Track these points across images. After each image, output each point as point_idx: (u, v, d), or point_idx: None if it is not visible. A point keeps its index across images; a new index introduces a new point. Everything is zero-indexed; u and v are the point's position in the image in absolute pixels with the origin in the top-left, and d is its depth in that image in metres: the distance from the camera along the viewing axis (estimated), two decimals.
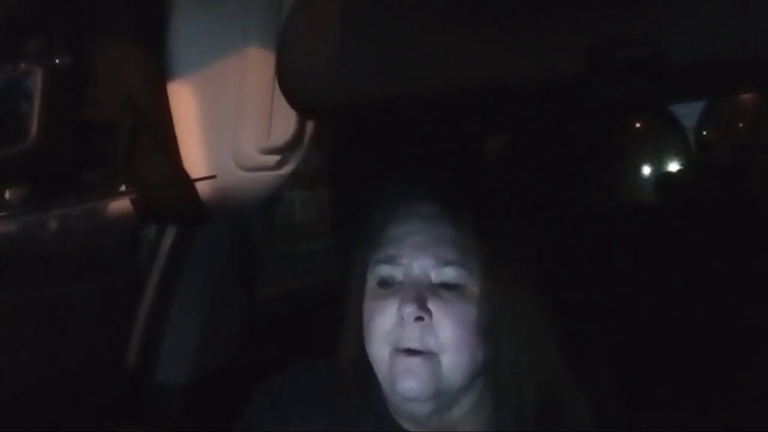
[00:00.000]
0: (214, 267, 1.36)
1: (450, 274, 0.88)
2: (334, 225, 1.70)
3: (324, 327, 0.95)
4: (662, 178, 1.51)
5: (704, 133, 1.55)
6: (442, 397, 0.88)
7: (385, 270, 0.90)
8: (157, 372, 1.31)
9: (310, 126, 0.94)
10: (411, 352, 0.86)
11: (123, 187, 0.93)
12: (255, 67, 0.92)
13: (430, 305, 0.87)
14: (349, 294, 0.94)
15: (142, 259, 1.32)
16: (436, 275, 0.88)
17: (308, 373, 0.99)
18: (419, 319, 0.86)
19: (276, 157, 0.93)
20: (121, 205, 0.96)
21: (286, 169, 0.95)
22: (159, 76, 0.93)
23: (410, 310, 0.86)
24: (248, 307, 1.46)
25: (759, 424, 1.14)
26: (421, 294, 0.87)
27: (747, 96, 1.43)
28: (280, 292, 1.85)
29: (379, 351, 0.88)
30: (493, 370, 0.90)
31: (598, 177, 1.43)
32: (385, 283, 0.90)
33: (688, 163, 1.55)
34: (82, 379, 1.22)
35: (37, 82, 0.78)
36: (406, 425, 0.93)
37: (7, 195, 0.84)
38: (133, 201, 0.97)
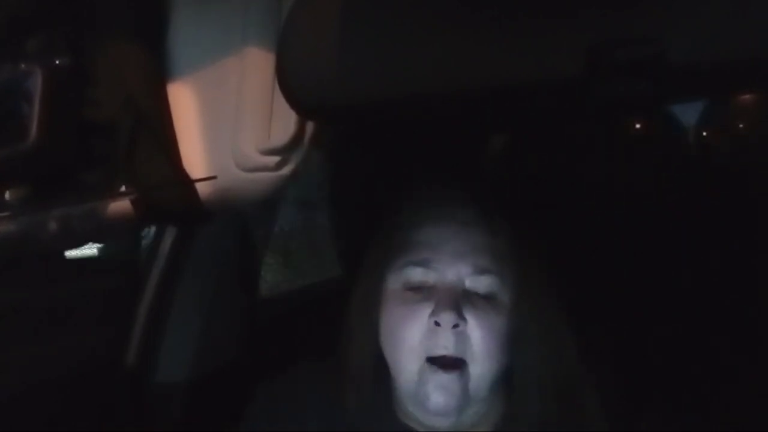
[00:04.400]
0: (214, 267, 1.36)
1: (485, 282, 0.87)
2: (336, 226, 1.70)
3: (324, 327, 0.95)
4: (662, 179, 1.50)
5: (704, 133, 1.55)
6: (466, 408, 0.87)
7: (415, 273, 0.88)
8: (157, 372, 1.31)
9: (310, 126, 0.94)
10: (445, 366, 0.85)
11: (123, 188, 0.93)
12: (255, 67, 0.92)
13: (465, 312, 0.85)
14: (363, 296, 0.93)
15: (142, 259, 1.32)
16: (470, 282, 0.87)
17: (309, 373, 0.99)
18: (456, 326, 0.85)
19: (276, 158, 0.93)
20: (121, 205, 0.96)
21: (287, 170, 0.95)
22: (159, 76, 0.93)
23: (448, 317, 0.84)
24: (248, 307, 1.46)
25: (759, 424, 1.14)
26: (457, 300, 0.86)
27: (747, 96, 1.43)
28: (280, 293, 1.85)
29: (408, 361, 0.86)
30: (519, 381, 0.90)
31: (599, 179, 1.43)
32: (413, 288, 0.88)
33: (688, 163, 1.55)
34: (82, 379, 1.22)
35: (37, 83, 0.78)
36: (413, 425, 0.93)
37: (6, 195, 0.84)
38: (133, 201, 0.97)
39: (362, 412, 0.94)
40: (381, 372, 0.91)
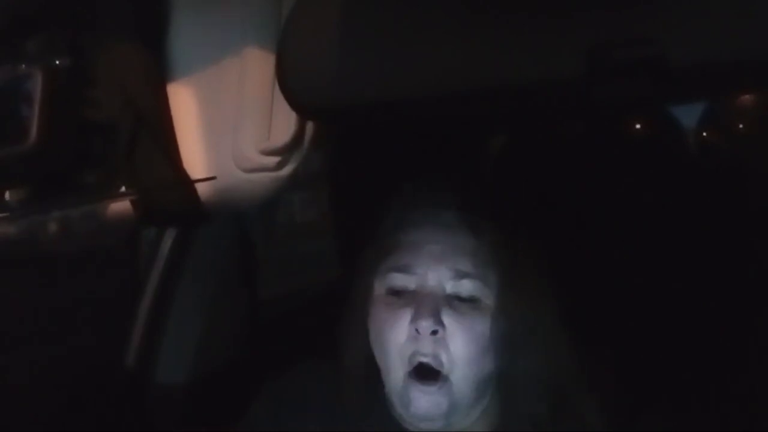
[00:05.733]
0: (214, 267, 1.36)
1: (466, 286, 0.87)
2: (335, 227, 1.70)
3: (325, 327, 0.95)
4: (662, 179, 1.50)
5: (704, 134, 1.55)
6: (453, 413, 0.88)
7: (397, 279, 0.88)
8: (157, 372, 1.31)
9: (310, 127, 0.94)
10: (425, 376, 0.85)
11: (123, 188, 0.93)
12: (255, 67, 0.92)
13: (444, 317, 0.85)
14: (354, 300, 0.93)
15: (142, 259, 1.32)
16: (451, 287, 0.87)
17: (312, 373, 0.99)
18: (435, 332, 0.84)
19: (276, 158, 0.93)
20: (121, 206, 0.96)
21: (286, 170, 0.95)
22: (159, 76, 0.93)
23: (426, 324, 0.84)
24: (248, 308, 1.46)
25: (759, 424, 1.14)
26: (437, 306, 0.85)
27: (747, 96, 1.43)
28: (281, 292, 1.85)
29: (393, 364, 0.87)
30: (508, 382, 0.90)
31: (597, 179, 1.43)
32: (396, 292, 0.88)
33: (688, 164, 1.54)
34: (82, 379, 1.22)
35: (37, 84, 0.78)
36: (410, 427, 0.93)
37: (7, 196, 0.84)
38: (133, 202, 0.97)
39: (359, 411, 0.94)
40: (375, 372, 0.91)
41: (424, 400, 0.85)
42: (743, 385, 1.21)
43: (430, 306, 0.85)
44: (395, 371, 0.87)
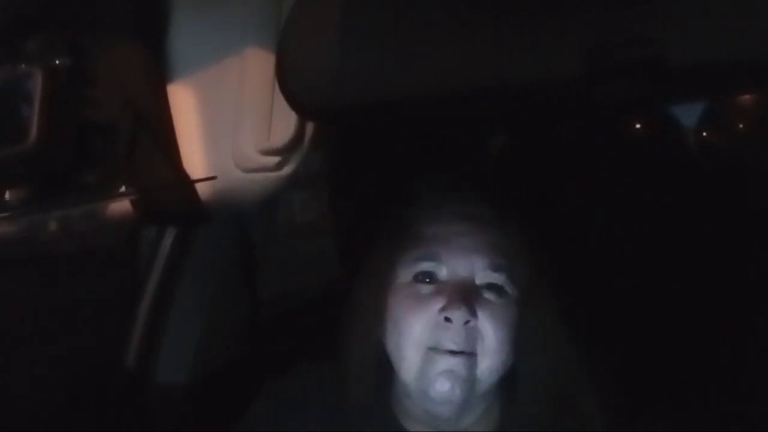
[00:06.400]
0: (214, 267, 1.36)
1: (496, 278, 0.88)
2: (337, 227, 1.70)
3: (325, 327, 0.95)
4: (662, 179, 1.50)
5: (704, 134, 1.55)
6: (469, 402, 0.88)
7: (427, 267, 0.88)
8: (157, 372, 1.31)
9: (310, 127, 0.94)
10: (452, 351, 0.85)
11: (123, 188, 0.93)
12: (255, 67, 0.92)
13: (476, 308, 0.86)
14: (369, 290, 0.93)
15: (142, 259, 1.32)
16: (481, 278, 0.88)
17: (312, 373, 0.99)
18: (467, 322, 0.85)
19: (276, 158, 0.93)
20: (121, 206, 0.96)
21: (286, 170, 0.95)
22: (159, 76, 0.93)
23: (461, 313, 0.84)
24: (249, 308, 1.46)
25: (758, 425, 1.14)
26: (470, 296, 0.86)
27: (747, 96, 1.43)
28: (281, 292, 1.85)
29: (411, 352, 0.86)
30: (509, 382, 0.90)
31: (598, 179, 1.43)
32: (425, 281, 0.88)
33: (688, 164, 1.54)
34: (82, 379, 1.22)
35: (37, 84, 0.78)
36: (411, 427, 0.93)
37: (7, 196, 0.84)
38: (133, 202, 0.97)
39: (360, 411, 0.94)
40: (381, 370, 0.91)
41: (447, 376, 0.85)
42: (743, 385, 1.21)
43: (464, 295, 0.85)
44: (413, 356, 0.86)
